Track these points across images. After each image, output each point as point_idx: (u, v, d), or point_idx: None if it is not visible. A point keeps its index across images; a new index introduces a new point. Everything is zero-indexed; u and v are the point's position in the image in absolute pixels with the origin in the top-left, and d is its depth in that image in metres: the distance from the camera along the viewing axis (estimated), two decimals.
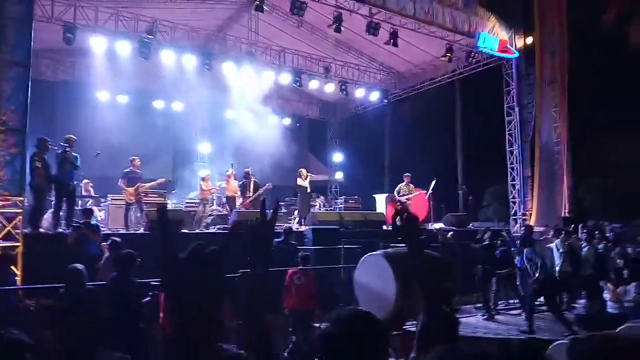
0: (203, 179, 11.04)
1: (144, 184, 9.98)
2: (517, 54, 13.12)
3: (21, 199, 7.22)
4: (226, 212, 11.37)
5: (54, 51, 12.54)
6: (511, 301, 9.19)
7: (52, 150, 8.25)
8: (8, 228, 6.97)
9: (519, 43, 13.36)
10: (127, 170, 10.02)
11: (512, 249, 9.13)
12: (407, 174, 12.58)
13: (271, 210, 1.55)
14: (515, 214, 12.84)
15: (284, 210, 13.20)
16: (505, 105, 13.46)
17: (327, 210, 13.25)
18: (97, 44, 11.36)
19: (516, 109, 13.22)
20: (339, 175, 17.01)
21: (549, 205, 12.38)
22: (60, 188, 8.24)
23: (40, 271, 6.67)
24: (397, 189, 12.52)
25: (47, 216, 8.62)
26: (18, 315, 6.38)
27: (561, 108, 12.91)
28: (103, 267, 6.41)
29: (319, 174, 15.15)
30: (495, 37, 12.80)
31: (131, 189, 9.73)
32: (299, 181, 12.05)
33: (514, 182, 13.09)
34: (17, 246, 6.99)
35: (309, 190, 12.12)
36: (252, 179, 11.39)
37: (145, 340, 5.79)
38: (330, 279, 8.12)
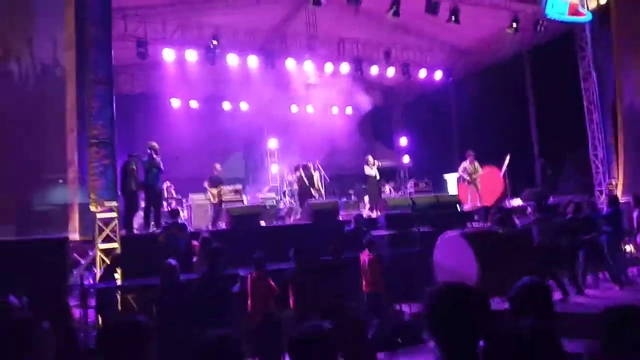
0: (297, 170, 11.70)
1: (223, 187, 10.71)
2: (590, 16, 12.27)
3: (115, 204, 7.90)
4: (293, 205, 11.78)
5: (128, 66, 13.44)
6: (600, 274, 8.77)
7: (141, 157, 8.99)
8: (106, 231, 7.67)
9: (591, 4, 12.49)
10: (212, 175, 10.81)
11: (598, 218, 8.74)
12: (470, 151, 12.16)
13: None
14: (599, 185, 12.10)
15: (354, 198, 13.35)
16: (581, 72, 12.68)
17: (397, 195, 13.21)
18: (167, 55, 12.11)
19: (593, 75, 12.40)
20: (407, 159, 16.86)
21: (637, 174, 11.55)
22: (149, 192, 8.93)
23: (136, 269, 7.31)
24: (460, 168, 12.15)
25: (137, 218, 9.37)
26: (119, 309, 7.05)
27: None
28: (198, 263, 6.91)
29: (386, 159, 15.13)
30: (564, 1, 12.04)
31: (214, 190, 10.48)
32: (367, 169, 12.11)
33: (595, 152, 12.33)
34: (116, 248, 7.68)
35: (377, 177, 12.16)
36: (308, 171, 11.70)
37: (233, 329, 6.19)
38: (405, 263, 8.17)
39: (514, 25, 12.38)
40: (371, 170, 12.02)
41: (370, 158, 12.21)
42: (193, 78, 13.01)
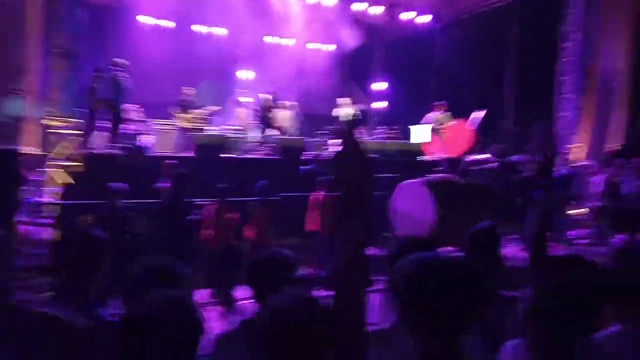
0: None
1: (193, 110, 10.37)
2: None
3: (75, 120, 7.59)
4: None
5: None
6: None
7: (105, 73, 8.51)
8: (63, 148, 7.41)
9: None
10: (180, 99, 10.47)
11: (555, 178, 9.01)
12: (442, 102, 12.18)
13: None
14: (562, 146, 12.34)
15: (324, 138, 13.22)
16: (563, 30, 12.55)
17: (367, 139, 13.16)
18: None
19: (575, 35, 12.30)
20: (382, 104, 16.67)
21: (600, 139, 11.81)
22: (111, 111, 8.56)
23: (92, 189, 7.11)
24: (430, 118, 12.14)
25: (96, 137, 9.02)
26: None
27: (625, 35, 11.91)
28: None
29: (360, 102, 14.92)
30: None
31: (184, 115, 10.22)
32: (338, 110, 11.95)
33: (564, 114, 12.48)
34: (72, 165, 7.44)
35: (349, 119, 12.01)
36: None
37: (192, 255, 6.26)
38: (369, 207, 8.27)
39: None
40: (343, 112, 11.86)
41: (343, 100, 12.04)
42: None
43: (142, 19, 13.43)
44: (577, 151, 11.82)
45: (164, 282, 1.85)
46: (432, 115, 12.12)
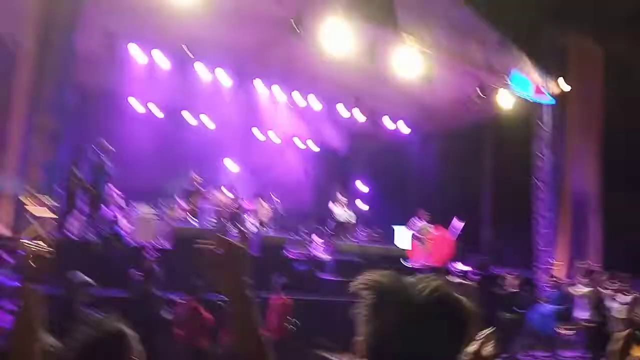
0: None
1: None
2: (552, 100, 12.93)
3: (52, 201, 7.24)
4: None
5: (89, 57, 12.71)
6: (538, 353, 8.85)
7: (88, 157, 8.33)
8: (37, 229, 6.96)
9: (554, 88, 13.21)
10: (187, 187, 10.46)
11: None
12: (423, 210, 12.34)
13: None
14: (541, 262, 12.46)
15: (304, 236, 13.02)
16: (535, 151, 13.25)
17: (349, 241, 13.04)
18: (135, 53, 11.61)
19: (547, 155, 12.99)
20: (364, 207, 16.79)
21: (578, 257, 12.01)
22: (92, 195, 8.26)
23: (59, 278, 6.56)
24: (412, 225, 12.21)
25: (74, 221, 8.60)
26: None
27: (594, 159, 12.65)
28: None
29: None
30: (529, 80, 12.65)
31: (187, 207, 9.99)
32: (336, 209, 12.03)
33: (540, 230, 12.76)
34: (49, 250, 6.93)
35: (342, 219, 12.00)
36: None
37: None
38: (351, 310, 7.93)
39: (481, 94, 12.92)
40: (338, 211, 11.91)
41: (341, 198, 12.20)
42: (159, 83, 12.50)
43: (131, 103, 13.55)
44: (558, 268, 11.91)
45: None
46: (417, 222, 12.20)
